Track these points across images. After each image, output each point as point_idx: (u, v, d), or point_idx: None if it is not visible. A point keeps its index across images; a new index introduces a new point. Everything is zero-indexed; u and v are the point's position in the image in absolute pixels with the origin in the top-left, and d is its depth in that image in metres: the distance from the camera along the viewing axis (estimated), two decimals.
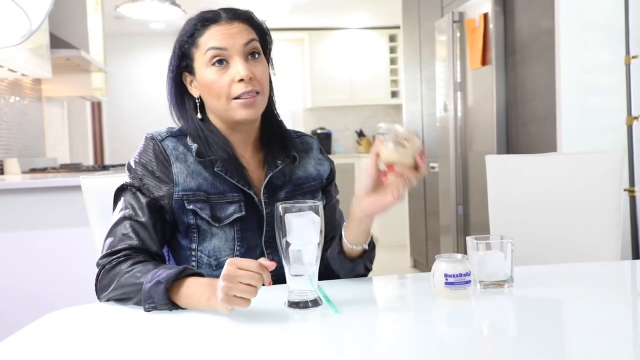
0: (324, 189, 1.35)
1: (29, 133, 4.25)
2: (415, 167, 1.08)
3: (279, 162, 1.27)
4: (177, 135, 1.25)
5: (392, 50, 7.22)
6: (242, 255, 1.22)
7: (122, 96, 7.02)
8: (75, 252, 2.60)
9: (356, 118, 7.50)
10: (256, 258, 1.22)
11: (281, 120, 1.33)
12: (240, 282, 0.93)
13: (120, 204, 1.21)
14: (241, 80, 1.19)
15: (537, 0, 2.76)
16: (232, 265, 0.94)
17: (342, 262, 1.22)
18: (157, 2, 3.58)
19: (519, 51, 2.95)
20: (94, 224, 1.42)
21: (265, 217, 1.24)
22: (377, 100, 7.23)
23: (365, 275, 1.28)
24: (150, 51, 7.02)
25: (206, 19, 1.22)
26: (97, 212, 1.41)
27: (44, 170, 3.74)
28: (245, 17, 1.24)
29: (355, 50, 7.14)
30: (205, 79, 1.21)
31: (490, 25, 3.08)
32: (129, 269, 1.09)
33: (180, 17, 3.88)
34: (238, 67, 1.19)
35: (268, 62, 1.30)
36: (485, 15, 3.11)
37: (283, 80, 7.30)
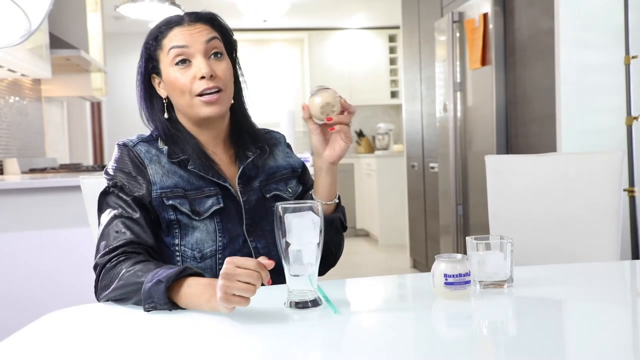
0: (299, 178, 1.42)
1: (28, 133, 4.25)
2: (342, 112, 1.21)
3: (250, 153, 1.33)
4: (149, 140, 1.30)
5: (392, 50, 7.23)
6: (226, 246, 1.26)
7: (121, 96, 7.02)
8: (75, 252, 2.60)
9: (356, 118, 7.44)
10: (239, 247, 1.26)
11: (250, 118, 1.40)
12: (239, 281, 0.93)
13: (107, 207, 1.23)
14: (202, 77, 1.23)
15: (537, 0, 2.76)
16: (231, 263, 0.95)
17: None
18: (157, 2, 3.58)
19: (518, 51, 2.95)
20: (94, 224, 1.42)
21: (243, 205, 1.28)
22: (376, 101, 7.23)
23: (342, 232, 1.35)
24: None
25: (170, 22, 1.28)
26: (96, 212, 1.41)
27: (43, 170, 3.74)
28: (207, 19, 1.30)
29: (355, 51, 7.15)
30: (170, 77, 1.26)
31: (490, 26, 3.08)
32: (130, 268, 1.09)
33: None
34: (199, 65, 1.24)
35: (235, 63, 1.36)
36: (485, 16, 3.12)
37: (282, 81, 7.31)
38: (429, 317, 1.03)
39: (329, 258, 1.33)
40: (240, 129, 1.36)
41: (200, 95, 1.24)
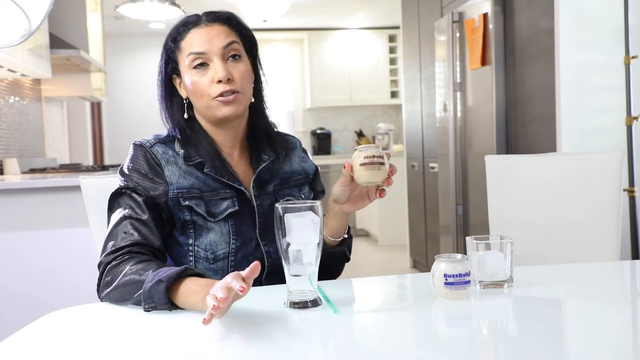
0: (310, 184, 1.42)
1: (28, 133, 4.25)
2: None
3: (265, 157, 1.33)
4: (165, 141, 1.30)
5: (392, 50, 7.23)
6: (239, 248, 1.26)
7: (121, 96, 7.02)
8: (75, 252, 2.60)
9: (355, 118, 7.50)
10: (252, 250, 1.26)
11: (268, 118, 1.39)
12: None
13: (118, 207, 1.23)
14: (220, 81, 1.24)
15: (537, 0, 2.76)
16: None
17: (324, 250, 1.25)
18: (157, 2, 3.58)
19: (518, 51, 2.96)
20: (94, 224, 1.42)
21: (256, 209, 1.29)
22: (376, 101, 7.23)
23: (342, 263, 1.36)
24: (150, 51, 7.02)
25: (187, 23, 1.28)
26: (96, 212, 1.41)
27: (43, 170, 3.74)
28: (224, 19, 1.29)
29: (355, 51, 7.15)
30: (188, 80, 1.27)
31: (490, 26, 3.08)
32: (133, 267, 1.10)
33: (180, 17, 3.87)
34: (217, 69, 1.24)
35: (255, 61, 1.36)
36: (485, 16, 3.12)
37: (282, 81, 7.31)
38: (429, 317, 1.03)
39: (327, 275, 1.34)
40: (258, 130, 1.35)
41: (218, 96, 1.24)
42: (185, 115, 1.31)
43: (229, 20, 1.29)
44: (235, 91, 1.25)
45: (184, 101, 1.32)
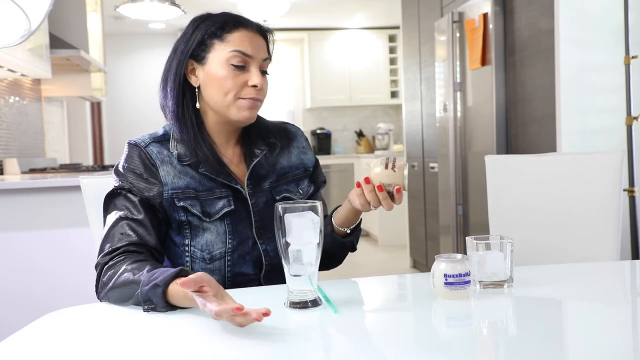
0: (310, 177, 1.41)
1: (28, 133, 4.25)
2: (391, 196, 1.18)
3: (258, 152, 1.33)
4: (160, 140, 1.29)
5: (392, 50, 7.23)
6: (235, 248, 1.26)
7: (121, 96, 7.02)
8: (75, 252, 2.60)
9: (355, 118, 7.50)
10: (249, 249, 1.26)
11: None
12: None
13: (113, 208, 1.23)
14: (254, 86, 1.25)
15: (536, 0, 2.76)
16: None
17: (333, 239, 1.30)
18: (157, 2, 3.57)
19: (518, 51, 2.96)
20: (94, 224, 1.42)
21: (252, 207, 1.28)
22: (376, 101, 7.23)
23: (347, 252, 1.36)
24: (150, 51, 7.02)
25: (238, 21, 1.28)
26: (96, 212, 1.41)
27: (43, 170, 3.74)
28: (265, 35, 1.32)
29: (355, 51, 7.15)
30: (218, 73, 1.25)
31: (490, 26, 3.08)
32: (128, 267, 1.10)
33: (180, 17, 3.88)
34: (255, 75, 1.26)
35: None
36: (485, 16, 3.12)
37: (282, 81, 7.31)
38: (429, 317, 1.03)
39: (331, 263, 1.36)
40: (251, 129, 1.35)
41: (244, 98, 1.26)
42: (198, 105, 1.29)
43: (267, 38, 1.32)
44: (260, 100, 1.28)
45: (196, 90, 1.29)
